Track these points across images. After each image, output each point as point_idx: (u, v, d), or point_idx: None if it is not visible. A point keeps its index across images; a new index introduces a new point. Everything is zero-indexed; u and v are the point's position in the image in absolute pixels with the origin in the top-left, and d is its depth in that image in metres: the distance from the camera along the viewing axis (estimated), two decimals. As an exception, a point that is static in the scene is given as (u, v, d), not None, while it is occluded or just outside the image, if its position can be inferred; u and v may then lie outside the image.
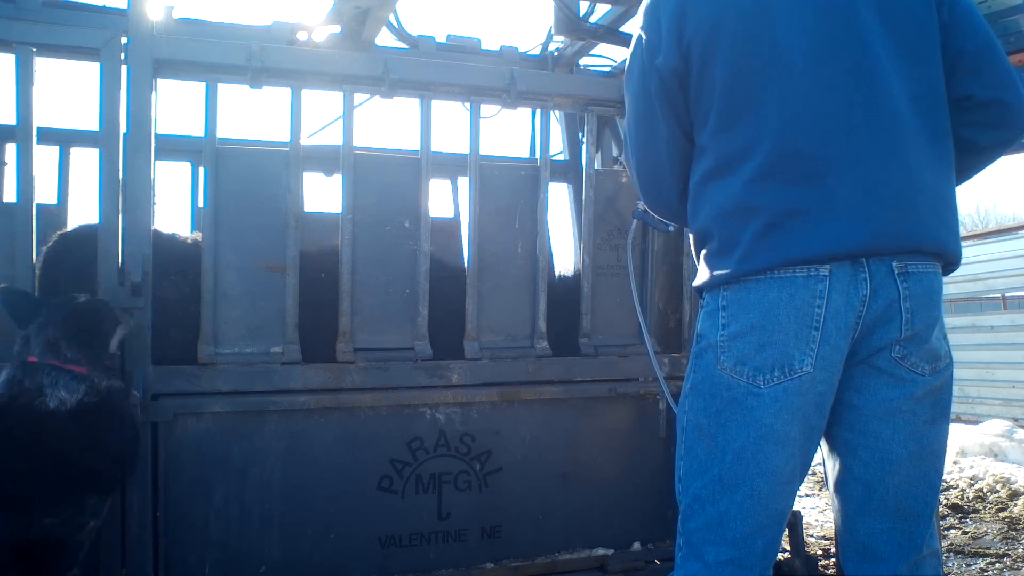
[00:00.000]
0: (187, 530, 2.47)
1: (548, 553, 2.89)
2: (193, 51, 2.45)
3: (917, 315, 1.52)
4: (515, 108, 2.84)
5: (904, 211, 1.51)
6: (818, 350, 1.49)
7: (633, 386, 2.96)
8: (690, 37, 1.63)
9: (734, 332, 1.55)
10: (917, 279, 1.52)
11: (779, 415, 1.51)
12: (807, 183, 1.51)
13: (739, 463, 1.54)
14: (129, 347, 2.35)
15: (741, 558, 1.55)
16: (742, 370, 1.53)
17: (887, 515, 1.58)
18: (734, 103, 1.60)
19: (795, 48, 1.56)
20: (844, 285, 1.49)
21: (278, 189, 2.56)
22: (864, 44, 1.55)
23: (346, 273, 2.60)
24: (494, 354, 2.79)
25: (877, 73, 1.54)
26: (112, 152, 2.33)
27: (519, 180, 2.90)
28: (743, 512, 1.54)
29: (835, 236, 1.48)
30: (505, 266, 2.86)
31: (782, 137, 1.54)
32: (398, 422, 2.69)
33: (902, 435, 1.55)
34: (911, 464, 1.55)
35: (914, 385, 1.54)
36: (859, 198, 1.50)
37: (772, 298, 1.51)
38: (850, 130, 1.53)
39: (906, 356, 1.54)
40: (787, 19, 1.57)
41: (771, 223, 1.52)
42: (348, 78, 2.61)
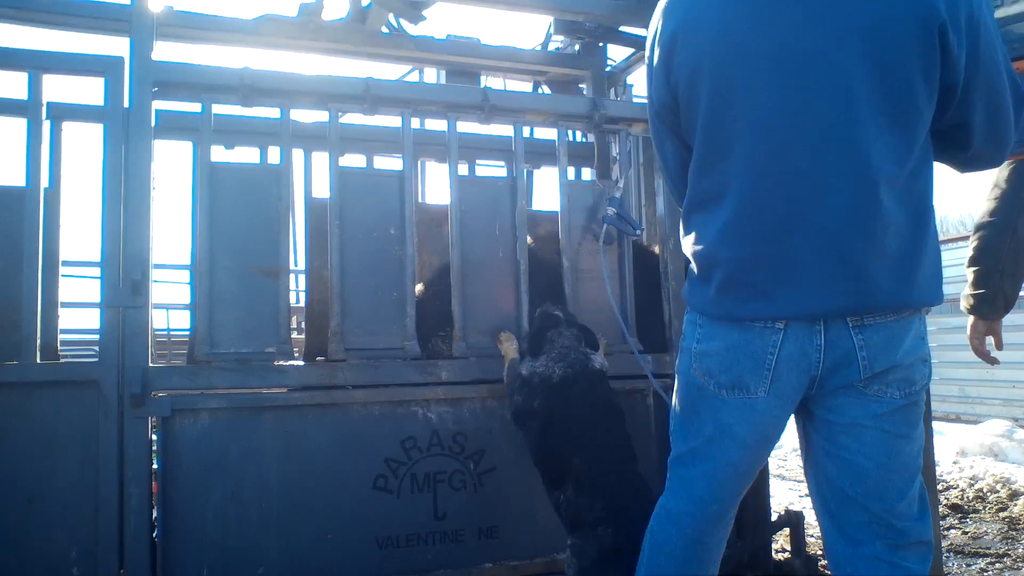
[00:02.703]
0: (185, 529, 2.48)
1: (547, 553, 2.88)
2: (189, 74, 2.65)
3: (876, 361, 1.58)
4: (489, 123, 3.05)
5: (861, 280, 1.54)
6: (771, 384, 1.64)
7: (622, 383, 3.03)
8: (676, 77, 1.69)
9: (704, 350, 1.73)
10: (874, 330, 1.57)
11: (739, 421, 1.69)
12: (769, 242, 1.57)
13: (708, 445, 1.76)
14: (129, 345, 2.44)
15: (696, 514, 1.77)
16: (710, 380, 1.72)
17: (862, 512, 1.66)
18: (710, 148, 1.66)
19: (769, 102, 1.56)
20: (799, 337, 1.60)
21: (270, 198, 2.71)
22: (846, 103, 1.51)
23: (336, 276, 2.73)
24: (481, 352, 2.88)
25: (855, 134, 1.51)
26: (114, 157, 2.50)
27: (498, 190, 3.07)
28: (706, 480, 1.77)
29: (789, 302, 1.57)
30: (488, 270, 2.99)
31: (749, 193, 1.60)
32: (391, 421, 2.75)
33: (869, 448, 1.62)
34: (879, 474, 1.62)
35: (880, 405, 1.61)
36: (817, 264, 1.54)
37: (734, 339, 1.67)
38: (817, 192, 1.53)
39: (868, 386, 1.61)
40: (765, 71, 1.56)
41: (733, 278, 1.63)
42: (333, 97, 2.81)
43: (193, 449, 2.52)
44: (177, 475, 2.50)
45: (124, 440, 2.42)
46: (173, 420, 2.49)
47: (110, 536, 2.39)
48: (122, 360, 2.44)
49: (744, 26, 1.59)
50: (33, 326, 2.43)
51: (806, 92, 1.53)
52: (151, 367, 2.47)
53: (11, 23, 3.22)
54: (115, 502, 2.39)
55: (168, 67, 2.63)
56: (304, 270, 3.33)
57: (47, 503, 2.40)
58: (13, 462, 2.38)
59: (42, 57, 2.51)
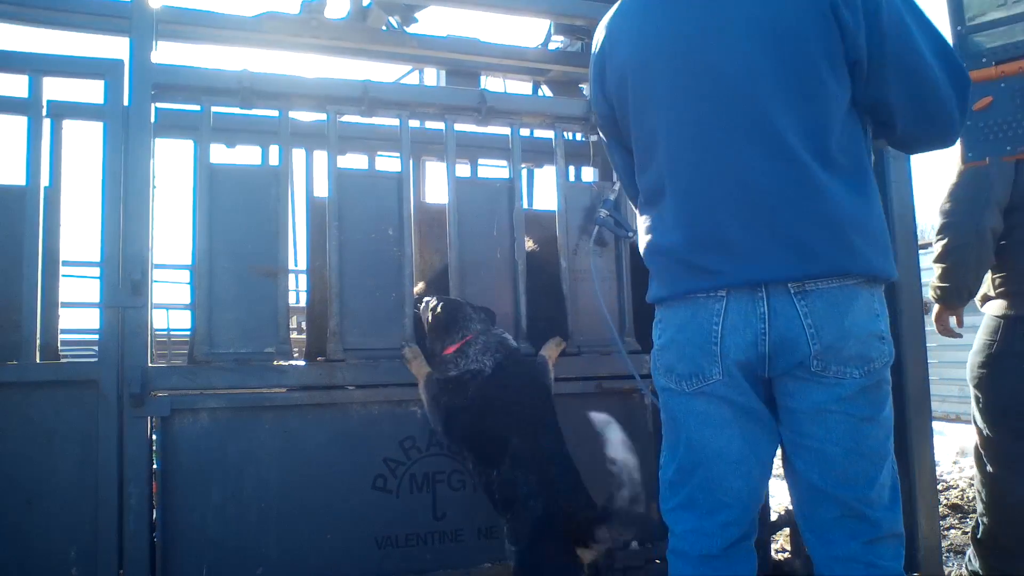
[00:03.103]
0: (184, 529, 2.49)
1: (545, 553, 2.89)
2: (188, 76, 2.66)
3: (823, 330, 1.59)
4: (486, 125, 3.06)
5: (794, 246, 1.58)
6: (721, 361, 1.66)
7: (619, 383, 3.04)
8: (608, 89, 1.84)
9: (663, 344, 1.78)
10: (817, 296, 1.59)
11: (710, 404, 1.71)
12: (701, 223, 1.67)
13: (691, 451, 1.77)
14: (128, 345, 2.45)
15: (703, 528, 1.75)
16: (671, 376, 1.76)
17: (834, 505, 1.68)
18: (643, 148, 1.79)
19: (683, 96, 1.67)
20: (742, 305, 1.63)
21: (268, 199, 2.72)
22: (752, 85, 1.60)
23: (335, 276, 2.74)
24: (480, 352, 2.89)
25: (764, 112, 1.60)
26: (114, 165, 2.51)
27: (496, 191, 3.08)
28: (704, 492, 1.75)
29: (728, 272, 1.63)
30: (486, 270, 3.00)
31: (677, 182, 1.71)
32: (390, 421, 2.76)
33: (836, 434, 1.64)
34: (848, 460, 1.64)
35: (842, 387, 1.61)
36: (749, 236, 1.61)
37: (682, 316, 1.71)
38: (737, 170, 1.62)
39: (826, 367, 1.61)
40: (676, 68, 1.67)
41: (677, 261, 1.71)
42: (331, 99, 2.82)
43: (193, 449, 2.53)
44: (176, 475, 2.51)
45: (124, 440, 2.43)
46: (173, 420, 2.50)
47: (109, 536, 2.40)
48: (122, 360, 2.45)
49: (655, 30, 1.72)
50: (33, 326, 2.44)
51: (715, 81, 1.63)
52: (151, 367, 2.48)
53: (11, 22, 3.23)
54: (115, 502, 2.40)
55: (167, 70, 2.64)
56: (305, 270, 3.35)
57: (46, 503, 2.40)
58: (13, 462, 2.39)
59: (42, 60, 2.52)
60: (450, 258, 2.91)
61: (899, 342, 3.00)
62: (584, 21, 3.56)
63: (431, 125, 3.59)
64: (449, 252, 2.91)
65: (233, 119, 3.31)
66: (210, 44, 3.66)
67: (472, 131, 3.31)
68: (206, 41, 3.60)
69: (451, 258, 2.90)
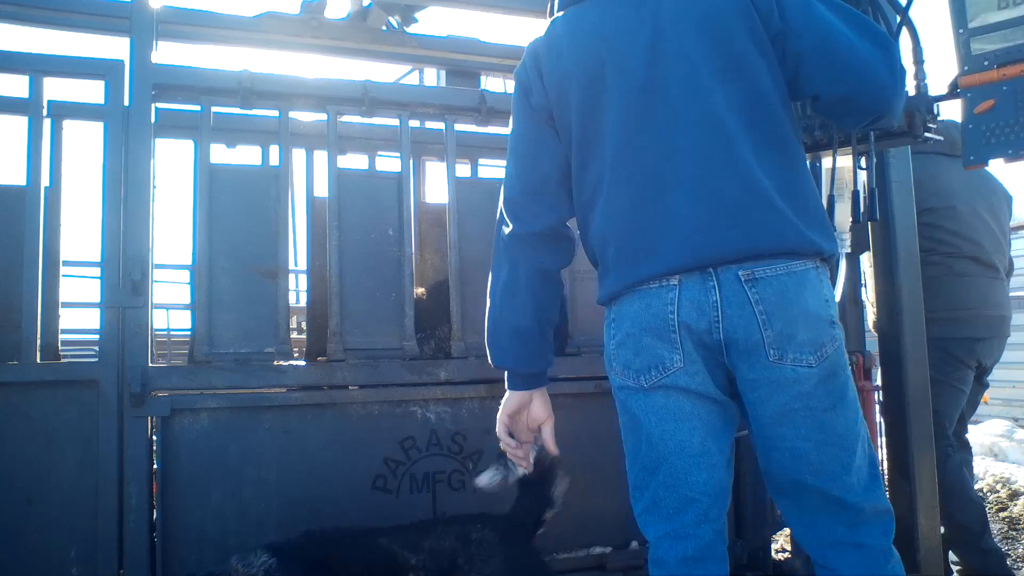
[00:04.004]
0: (185, 529, 2.50)
1: (546, 553, 2.88)
2: (188, 77, 2.67)
3: (774, 317, 1.60)
4: (486, 125, 3.06)
5: (738, 220, 1.60)
6: (682, 348, 1.65)
7: (618, 383, 3.04)
8: (549, 87, 1.83)
9: (619, 341, 1.75)
10: (767, 283, 1.60)
11: (669, 397, 1.69)
12: (645, 206, 1.68)
13: (652, 448, 1.73)
14: (129, 345, 2.45)
15: (675, 530, 1.72)
16: (628, 373, 1.73)
17: (815, 496, 1.69)
18: (585, 141, 1.79)
19: (624, 80, 1.71)
20: (694, 292, 1.63)
21: (268, 199, 2.73)
22: (688, 67, 1.66)
23: (334, 277, 2.74)
24: (479, 352, 2.89)
25: (702, 93, 1.65)
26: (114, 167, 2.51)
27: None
28: (667, 490, 1.72)
29: (676, 252, 1.63)
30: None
31: (619, 170, 1.71)
32: (390, 421, 2.76)
33: (804, 430, 1.64)
34: (819, 452, 1.65)
35: (800, 383, 1.61)
36: (695, 213, 1.63)
37: (636, 309, 1.70)
38: (680, 150, 1.65)
39: (783, 355, 1.61)
40: (618, 54, 1.72)
41: (622, 249, 1.72)
42: (331, 99, 2.82)
43: (192, 449, 2.53)
44: (177, 475, 2.51)
45: (124, 440, 2.43)
46: (173, 420, 2.50)
47: (109, 536, 2.40)
48: (122, 360, 2.45)
49: (590, 30, 1.77)
50: (33, 326, 2.44)
51: (653, 70, 1.68)
52: (151, 367, 2.48)
53: (11, 22, 3.23)
54: (115, 502, 2.40)
55: (168, 70, 2.64)
56: (305, 270, 3.35)
57: (46, 503, 2.41)
58: (12, 462, 2.39)
59: (42, 60, 2.52)
60: (450, 258, 2.91)
61: (899, 341, 3.02)
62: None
63: (431, 125, 3.60)
64: (449, 252, 2.91)
65: (233, 119, 3.31)
66: (210, 44, 3.66)
67: (472, 131, 3.32)
68: (206, 41, 3.60)
69: (451, 258, 2.91)
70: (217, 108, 2.77)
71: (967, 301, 3.28)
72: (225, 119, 3.27)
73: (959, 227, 3.29)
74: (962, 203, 3.31)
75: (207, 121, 2.69)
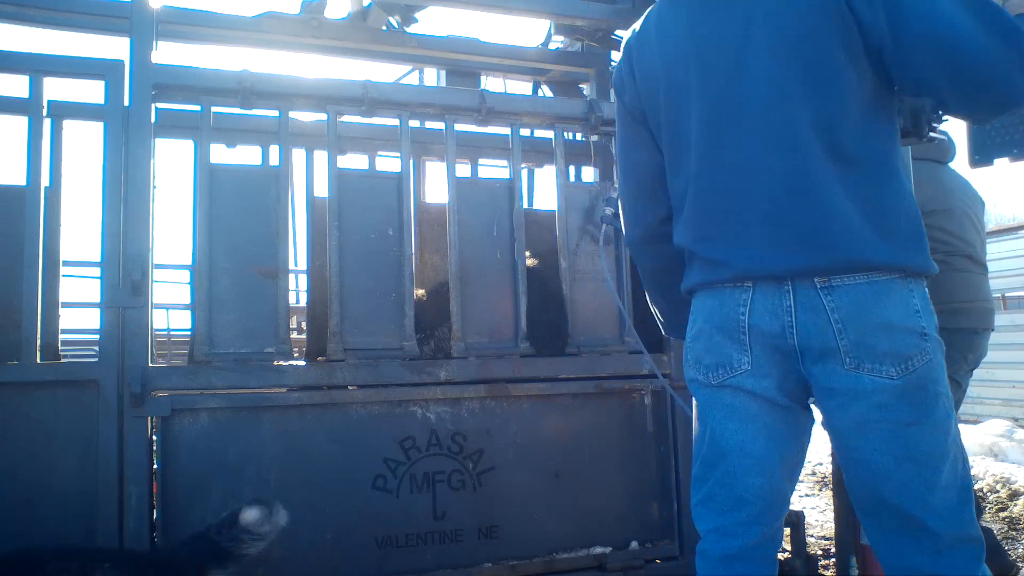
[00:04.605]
0: (185, 530, 2.48)
1: (546, 553, 2.89)
2: (188, 77, 2.67)
3: (849, 325, 1.55)
4: (486, 126, 3.06)
5: (812, 245, 1.57)
6: (751, 351, 1.64)
7: (618, 383, 3.04)
8: (640, 87, 1.84)
9: (694, 335, 1.76)
10: (843, 291, 1.56)
11: (736, 397, 1.68)
12: (723, 220, 1.68)
13: (714, 444, 1.73)
14: (129, 345, 2.45)
15: (723, 527, 1.71)
16: (700, 367, 1.73)
17: (894, 516, 1.61)
18: (672, 149, 1.80)
19: (708, 90, 1.69)
20: (768, 296, 1.61)
21: (268, 199, 2.73)
22: (770, 80, 1.62)
23: (335, 276, 2.74)
24: (479, 352, 2.90)
25: (786, 112, 1.60)
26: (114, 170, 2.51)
27: (496, 191, 3.09)
28: (722, 488, 1.71)
29: (749, 265, 1.63)
30: (487, 272, 3.00)
31: (701, 182, 1.71)
32: (390, 421, 2.76)
33: (882, 443, 1.57)
34: (898, 468, 1.57)
35: (879, 393, 1.55)
36: (768, 231, 1.61)
37: (710, 306, 1.70)
38: (758, 170, 1.63)
39: (859, 364, 1.56)
40: (705, 60, 1.70)
41: (701, 258, 1.72)
42: (331, 99, 2.82)
43: (193, 449, 2.53)
44: (176, 475, 2.51)
45: (124, 440, 2.43)
46: (173, 420, 2.51)
47: (110, 536, 2.39)
48: (122, 360, 2.45)
49: (684, 32, 1.75)
50: (33, 326, 2.44)
51: (738, 83, 1.65)
52: (151, 367, 2.49)
53: (11, 22, 3.24)
54: (115, 502, 2.40)
55: (167, 70, 2.64)
56: (305, 270, 3.35)
57: (47, 503, 2.40)
58: (13, 462, 2.39)
59: (42, 60, 2.53)
60: (450, 258, 2.91)
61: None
62: (584, 21, 3.57)
63: (431, 125, 3.60)
64: (449, 252, 2.91)
65: (233, 119, 3.32)
66: (210, 44, 3.66)
67: (472, 131, 3.32)
68: (206, 41, 3.60)
69: (451, 258, 2.91)
70: (217, 108, 2.77)
71: (965, 295, 3.41)
72: (225, 119, 3.28)
73: (955, 228, 3.42)
74: (956, 205, 3.44)
75: (207, 121, 2.69)
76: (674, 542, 3.03)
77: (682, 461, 3.07)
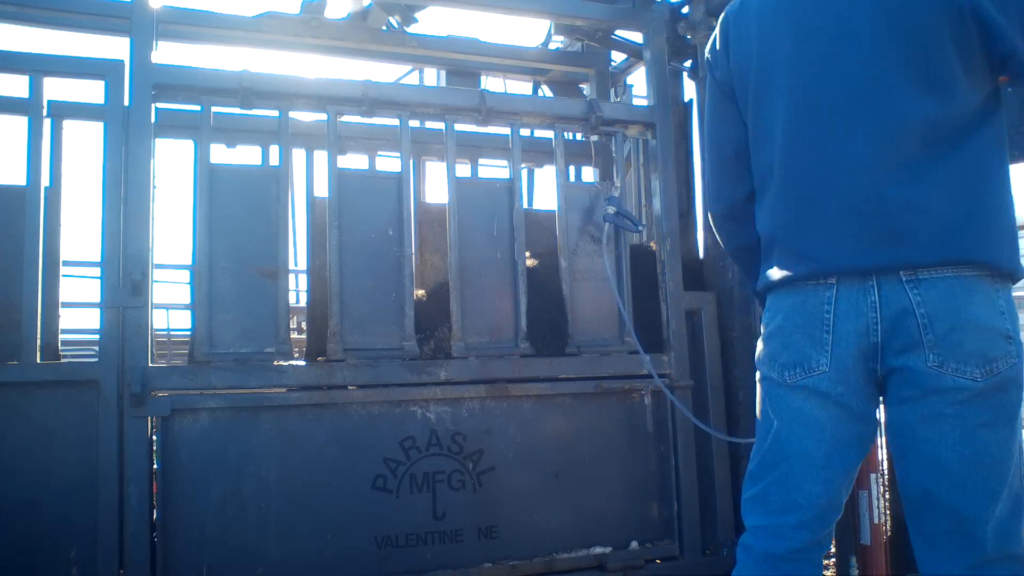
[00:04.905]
0: (185, 529, 2.50)
1: (546, 553, 2.89)
2: (188, 77, 2.67)
3: (936, 321, 1.51)
4: (486, 126, 3.07)
5: (899, 240, 1.54)
6: (832, 351, 1.59)
7: (618, 383, 3.04)
8: (733, 64, 1.81)
9: (770, 332, 1.73)
10: (930, 284, 1.52)
11: (807, 401, 1.64)
12: (808, 208, 1.64)
13: (776, 445, 1.70)
14: (129, 345, 2.45)
15: (773, 527, 1.68)
16: (774, 365, 1.70)
17: (945, 518, 1.57)
18: (758, 127, 1.76)
19: (806, 81, 1.64)
20: (851, 292, 1.57)
21: (268, 199, 2.73)
22: (877, 71, 1.57)
23: (335, 276, 2.74)
24: (479, 352, 2.90)
25: (885, 100, 1.56)
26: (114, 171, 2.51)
27: (496, 191, 3.09)
28: (779, 488, 1.68)
29: (834, 259, 1.59)
30: (487, 272, 3.00)
31: (788, 164, 1.67)
32: (390, 421, 2.76)
33: (951, 439, 1.52)
34: (964, 468, 1.52)
35: (959, 392, 1.51)
36: (855, 224, 1.57)
37: (790, 303, 1.67)
38: (848, 157, 1.58)
39: (943, 363, 1.51)
40: (802, 51, 1.65)
41: (783, 247, 1.69)
42: (331, 99, 2.82)
43: (193, 449, 2.53)
44: (176, 475, 2.51)
45: (124, 440, 2.44)
46: (173, 420, 2.51)
47: (109, 536, 2.40)
48: (122, 360, 2.45)
49: (783, 12, 1.70)
50: (33, 326, 2.45)
51: (839, 68, 1.61)
52: (151, 367, 2.49)
53: (11, 22, 3.24)
54: (115, 502, 2.41)
55: (168, 70, 2.65)
56: (305, 270, 3.35)
57: (47, 503, 2.41)
58: (13, 462, 2.39)
59: (42, 60, 2.53)
60: (450, 258, 2.91)
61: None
62: (584, 21, 3.57)
63: (431, 125, 3.60)
64: (449, 252, 2.91)
65: (233, 119, 3.32)
66: (210, 44, 3.66)
67: (472, 131, 3.32)
68: (206, 41, 3.60)
69: (451, 258, 2.91)
70: (217, 108, 2.77)
71: None
72: (225, 119, 3.28)
73: None
74: None
75: (207, 121, 2.69)
76: (674, 542, 3.03)
77: (682, 461, 3.07)
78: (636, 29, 3.49)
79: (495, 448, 2.88)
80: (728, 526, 3.14)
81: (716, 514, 3.14)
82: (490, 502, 2.86)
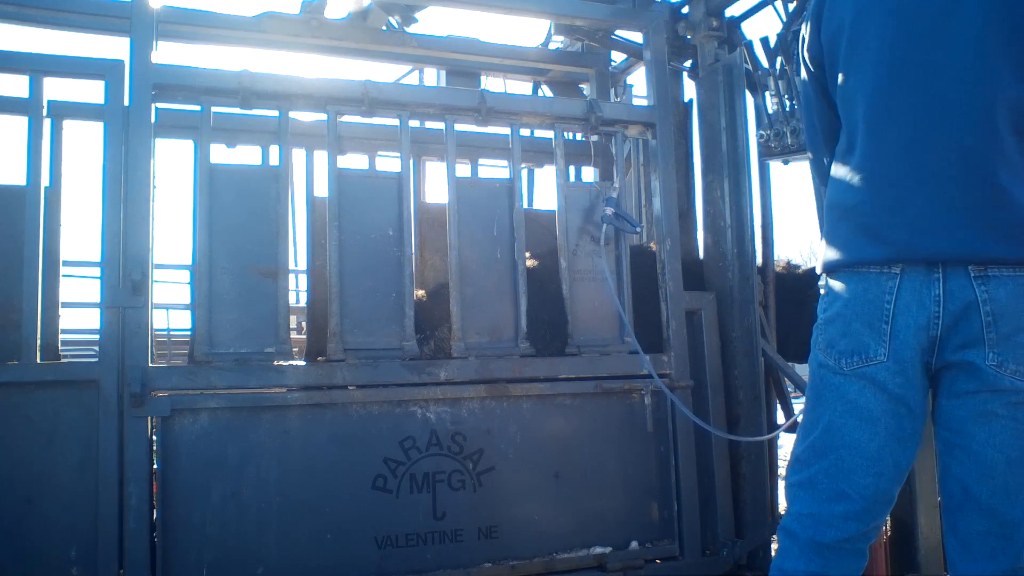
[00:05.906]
0: (184, 529, 2.50)
1: (546, 553, 2.89)
2: (188, 77, 2.67)
3: (1001, 319, 1.49)
4: (486, 126, 3.07)
5: (978, 226, 1.50)
6: (890, 343, 1.57)
7: (618, 383, 3.04)
8: (823, 35, 1.78)
9: (828, 317, 1.71)
10: (1000, 282, 1.49)
11: (862, 393, 1.63)
12: (884, 185, 1.60)
13: (827, 434, 1.68)
14: (129, 345, 2.45)
15: (820, 515, 1.66)
16: (831, 352, 1.68)
17: (983, 518, 1.56)
18: (845, 102, 1.73)
19: (896, 59, 1.61)
20: (915, 284, 1.55)
21: (268, 199, 2.73)
22: (976, 55, 1.54)
23: (335, 277, 2.74)
24: (479, 352, 2.90)
25: (982, 85, 1.53)
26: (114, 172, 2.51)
27: (496, 191, 3.09)
28: (828, 478, 1.66)
29: (901, 244, 1.55)
30: (487, 272, 3.00)
31: (871, 139, 1.64)
32: (390, 421, 2.76)
33: (999, 439, 1.52)
34: (1010, 470, 1.52)
35: (1015, 393, 1.50)
36: (932, 209, 1.54)
37: (851, 290, 1.64)
38: (936, 140, 1.55)
39: (1003, 363, 1.50)
40: (896, 28, 1.62)
41: (851, 223, 1.66)
42: (331, 99, 2.82)
43: (192, 449, 2.53)
44: (176, 475, 2.51)
45: (124, 440, 2.44)
46: (173, 420, 2.51)
47: (109, 536, 2.40)
48: (122, 360, 2.46)
49: None
50: (33, 326, 2.45)
51: (934, 52, 1.57)
52: (151, 367, 2.49)
53: (11, 22, 3.24)
54: (115, 502, 2.41)
55: (167, 70, 2.65)
56: (305, 270, 3.35)
57: (47, 503, 2.41)
58: (13, 462, 2.39)
59: (42, 60, 2.54)
60: (450, 258, 2.91)
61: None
62: (584, 21, 3.57)
63: (431, 125, 3.60)
64: (449, 252, 2.91)
65: (233, 119, 3.32)
66: (210, 44, 3.67)
67: (472, 131, 3.32)
68: (206, 41, 3.61)
69: (451, 258, 2.91)
70: (217, 108, 2.77)
71: None
72: (225, 119, 3.28)
73: None
74: None
75: (207, 121, 2.69)
76: (674, 542, 3.03)
77: (682, 461, 3.07)
78: (636, 29, 3.49)
79: (495, 448, 2.88)
80: (728, 526, 3.14)
81: (716, 514, 3.13)
82: (490, 502, 2.86)
